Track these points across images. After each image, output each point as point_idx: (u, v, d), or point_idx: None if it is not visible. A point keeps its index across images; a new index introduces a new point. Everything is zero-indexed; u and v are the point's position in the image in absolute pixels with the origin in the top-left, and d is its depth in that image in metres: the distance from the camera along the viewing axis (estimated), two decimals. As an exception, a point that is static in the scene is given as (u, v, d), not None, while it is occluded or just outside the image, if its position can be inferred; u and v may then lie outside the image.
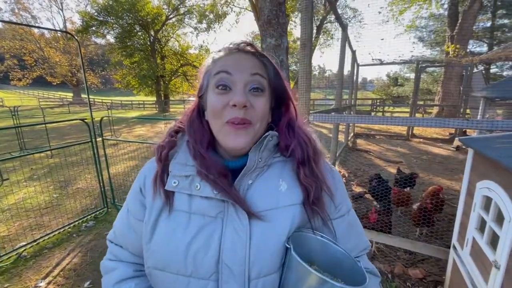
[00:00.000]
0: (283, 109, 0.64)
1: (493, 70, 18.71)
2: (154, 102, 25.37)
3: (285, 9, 4.36)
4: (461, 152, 6.92)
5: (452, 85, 10.94)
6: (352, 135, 8.63)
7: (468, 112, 8.48)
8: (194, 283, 0.54)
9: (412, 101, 8.66)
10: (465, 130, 7.98)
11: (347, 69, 6.41)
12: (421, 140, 8.59)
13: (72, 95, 34.19)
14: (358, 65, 7.81)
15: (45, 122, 3.52)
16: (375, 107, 17.50)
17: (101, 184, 3.53)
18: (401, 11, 13.34)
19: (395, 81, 26.57)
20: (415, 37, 19.85)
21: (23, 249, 2.63)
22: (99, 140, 3.55)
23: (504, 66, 18.95)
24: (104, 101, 28.88)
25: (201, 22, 20.97)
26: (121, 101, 28.94)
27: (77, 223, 3.19)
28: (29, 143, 7.71)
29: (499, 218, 1.28)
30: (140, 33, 21.92)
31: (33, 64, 28.14)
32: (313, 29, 2.20)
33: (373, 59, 6.97)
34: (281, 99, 0.63)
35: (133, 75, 22.07)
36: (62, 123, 13.21)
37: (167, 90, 23.99)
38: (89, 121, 3.36)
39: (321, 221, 0.59)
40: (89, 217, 3.35)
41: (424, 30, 19.32)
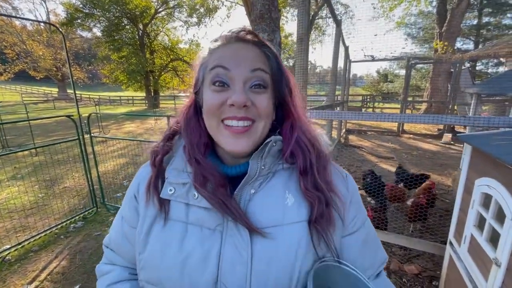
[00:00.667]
0: (287, 107, 0.56)
1: (479, 67, 19.27)
2: (143, 97, 24.85)
3: (277, 3, 4.29)
4: (450, 147, 7.09)
5: (440, 81, 11.16)
6: (344, 131, 8.69)
7: (455, 108, 8.67)
8: None
9: (402, 98, 8.78)
10: (453, 126, 8.16)
11: (340, 65, 6.41)
12: (411, 135, 8.75)
13: (57, 90, 33.05)
14: (350, 61, 7.83)
15: (29, 119, 3.35)
16: (365, 103, 17.70)
17: (90, 182, 3.40)
18: (391, 7, 13.45)
19: (385, 77, 26.98)
20: (405, 33, 20.15)
21: (7, 252, 2.51)
22: (86, 137, 3.41)
23: (489, 63, 19.56)
24: (91, 96, 28.07)
25: (191, 16, 20.57)
26: (109, 96, 28.21)
27: (64, 224, 3.06)
28: (12, 140, 7.39)
29: (499, 215, 1.28)
30: (128, 27, 21.29)
31: (14, 57, 26.93)
32: (309, 23, 2.14)
33: (365, 55, 6.99)
34: (285, 95, 0.55)
35: (121, 70, 21.49)
36: (47, 120, 12.75)
37: (157, 85, 23.52)
38: (76, 117, 3.21)
39: (324, 245, 0.51)
40: (78, 217, 3.22)
41: (413, 27, 19.62)
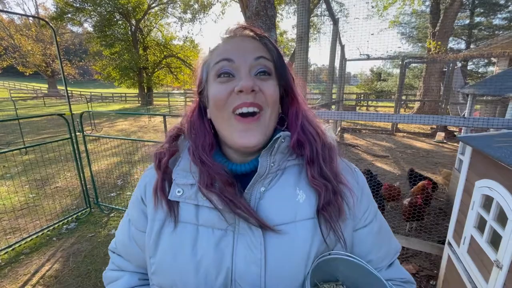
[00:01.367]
0: (289, 98, 0.56)
1: (470, 67, 19.59)
2: (136, 94, 24.49)
3: (273, 1, 4.25)
4: (443, 146, 7.20)
5: (433, 80, 11.31)
6: (339, 129, 8.73)
7: (447, 107, 8.80)
8: None
9: (396, 96, 8.86)
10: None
11: (336, 64, 6.41)
12: (405, 134, 8.85)
13: (47, 86, 32.28)
14: (345, 60, 7.85)
15: (18, 117, 3.23)
16: (359, 102, 17.84)
17: (83, 182, 3.32)
18: (386, 6, 13.52)
19: (378, 76, 27.22)
20: (398, 32, 20.31)
21: (-4, 256, 2.43)
22: (79, 135, 3.32)
23: (479, 63, 19.91)
24: (82, 93, 27.51)
25: (185, 12, 20.30)
26: (101, 93, 27.69)
27: (57, 225, 2.99)
28: (0, 138, 7.18)
29: (500, 217, 1.28)
30: (120, 22, 20.89)
31: (2, 52, 26.17)
32: (309, 21, 2.11)
33: (361, 54, 7.01)
34: (286, 85, 0.56)
35: (113, 66, 21.10)
36: (38, 117, 12.44)
37: (150, 82, 23.21)
38: (68, 115, 3.12)
39: (333, 235, 0.50)
40: (71, 218, 3.15)
41: (407, 26, 19.79)
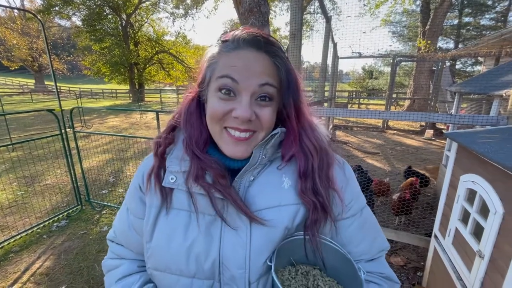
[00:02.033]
0: (291, 113, 0.54)
1: (458, 66, 20.06)
2: (127, 91, 24.05)
3: (267, -3, 4.24)
4: (431, 143, 7.38)
5: (422, 79, 11.53)
6: (331, 127, 8.83)
7: (436, 105, 9.00)
8: (197, 283, 0.53)
9: (387, 94, 9.01)
10: (434, 123, 8.49)
11: (329, 61, 6.47)
12: (395, 131, 9.03)
13: (34, 81, 31.31)
14: (338, 58, 7.91)
15: (5, 113, 3.15)
16: (351, 100, 18.05)
17: (74, 179, 3.27)
18: (377, 4, 13.65)
19: (370, 74, 27.56)
20: (390, 31, 20.57)
21: (-16, 254, 2.39)
22: (69, 131, 3.26)
23: (467, 62, 20.42)
24: (71, 89, 26.82)
25: (177, 7, 19.99)
26: (91, 89, 27.07)
27: (47, 223, 2.94)
28: (-15, 135, 6.97)
29: (483, 210, 1.35)
30: (110, 16, 20.38)
31: (-15, 46, 25.25)
32: (302, 18, 2.13)
33: (353, 52, 7.09)
34: (289, 107, 0.54)
35: (103, 61, 20.60)
36: (25, 113, 12.08)
37: (142, 78, 22.80)
38: (58, 111, 3.06)
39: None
40: (61, 216, 3.10)
41: (398, 25, 20.06)
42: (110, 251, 0.68)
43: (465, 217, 1.52)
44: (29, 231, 2.77)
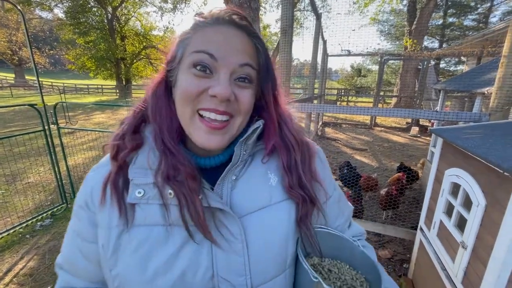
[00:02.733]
0: (269, 100, 0.52)
1: (442, 65, 20.70)
2: (114, 86, 23.42)
3: (257, -7, 4.21)
4: (417, 140, 7.59)
5: (408, 77, 11.84)
6: (320, 123, 8.92)
7: (422, 103, 9.27)
8: None
9: (375, 92, 9.18)
10: (419, 120, 8.74)
11: (319, 59, 6.52)
12: (382, 128, 9.23)
13: (13, 76, 29.98)
14: (327, 55, 7.99)
15: (-18, 107, 3.00)
16: (340, 97, 18.30)
17: (58, 177, 3.17)
18: (366, 3, 13.84)
19: (358, 72, 28.01)
20: (378, 30, 20.94)
21: (-37, 255, 2.28)
22: (53, 127, 3.14)
23: (450, 61, 21.11)
24: (54, 84, 25.85)
25: (166, 1, 19.56)
26: (75, 84, 26.19)
27: (30, 222, 2.84)
28: (-39, 131, 6.63)
29: (466, 202, 1.40)
30: (95, 9, 19.71)
31: (-40, 38, 23.92)
32: (293, 15, 2.13)
33: (342, 50, 7.17)
34: (267, 89, 0.52)
35: (88, 56, 19.90)
36: (4, 109, 11.56)
37: (129, 74, 22.22)
38: (40, 106, 2.94)
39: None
40: (45, 215, 3.00)
41: (385, 24, 20.44)
42: (60, 279, 0.56)
43: (449, 210, 1.57)
44: (11, 231, 2.67)
